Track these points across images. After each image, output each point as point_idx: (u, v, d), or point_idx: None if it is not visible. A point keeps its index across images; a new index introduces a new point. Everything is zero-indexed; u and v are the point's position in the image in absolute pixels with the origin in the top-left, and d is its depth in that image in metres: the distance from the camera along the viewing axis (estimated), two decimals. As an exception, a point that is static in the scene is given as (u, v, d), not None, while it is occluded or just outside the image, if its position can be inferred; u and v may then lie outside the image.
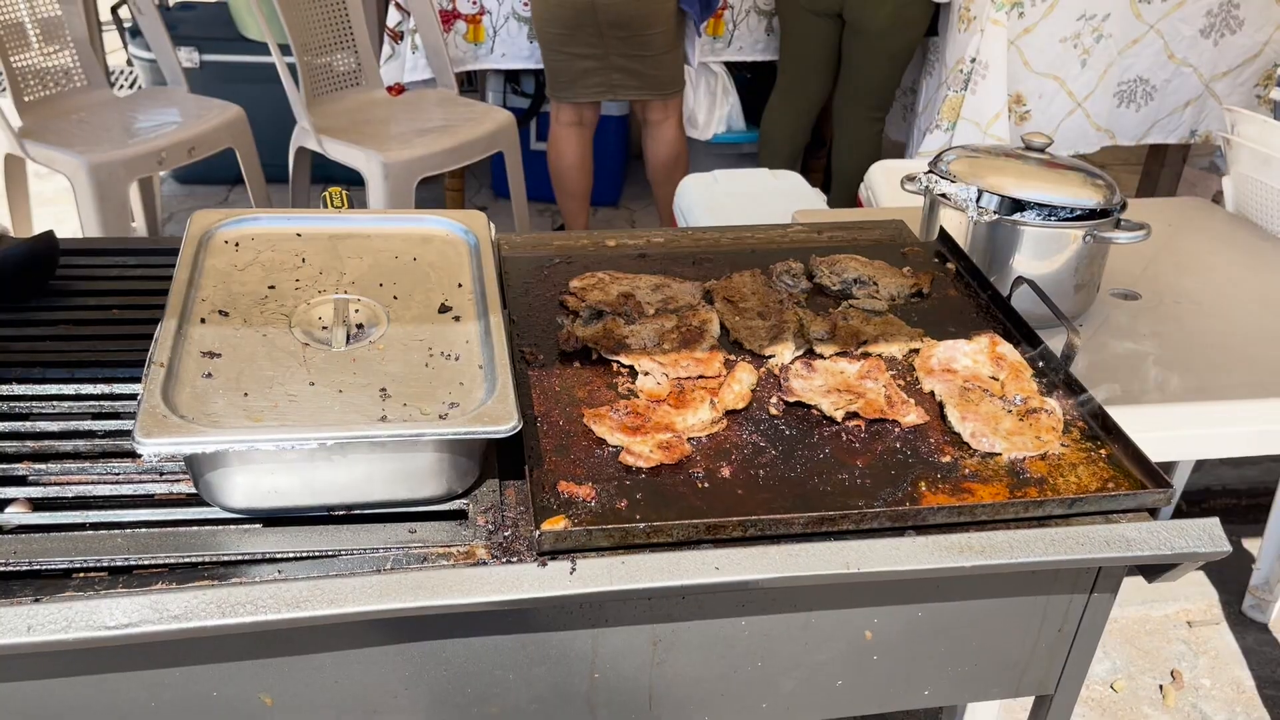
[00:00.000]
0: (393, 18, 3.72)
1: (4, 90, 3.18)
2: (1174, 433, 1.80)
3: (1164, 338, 2.00)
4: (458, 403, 1.18)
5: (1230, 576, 2.81)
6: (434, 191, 4.31)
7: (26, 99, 3.19)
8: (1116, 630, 2.65)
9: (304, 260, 1.40)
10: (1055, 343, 1.50)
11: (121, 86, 5.19)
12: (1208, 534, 1.21)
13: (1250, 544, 2.89)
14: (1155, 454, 1.74)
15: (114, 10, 4.33)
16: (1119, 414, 1.37)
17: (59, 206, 4.10)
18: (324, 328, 1.29)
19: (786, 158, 3.89)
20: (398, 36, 3.75)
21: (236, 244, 1.42)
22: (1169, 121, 3.71)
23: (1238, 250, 2.37)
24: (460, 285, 1.39)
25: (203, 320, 1.27)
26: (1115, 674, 2.53)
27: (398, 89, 3.79)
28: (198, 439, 1.07)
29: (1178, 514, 2.98)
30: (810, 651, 1.30)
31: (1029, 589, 1.31)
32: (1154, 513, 1.28)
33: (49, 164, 3.06)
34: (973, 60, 3.39)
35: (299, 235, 1.45)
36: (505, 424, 1.14)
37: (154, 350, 1.19)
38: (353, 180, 3.33)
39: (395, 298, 1.35)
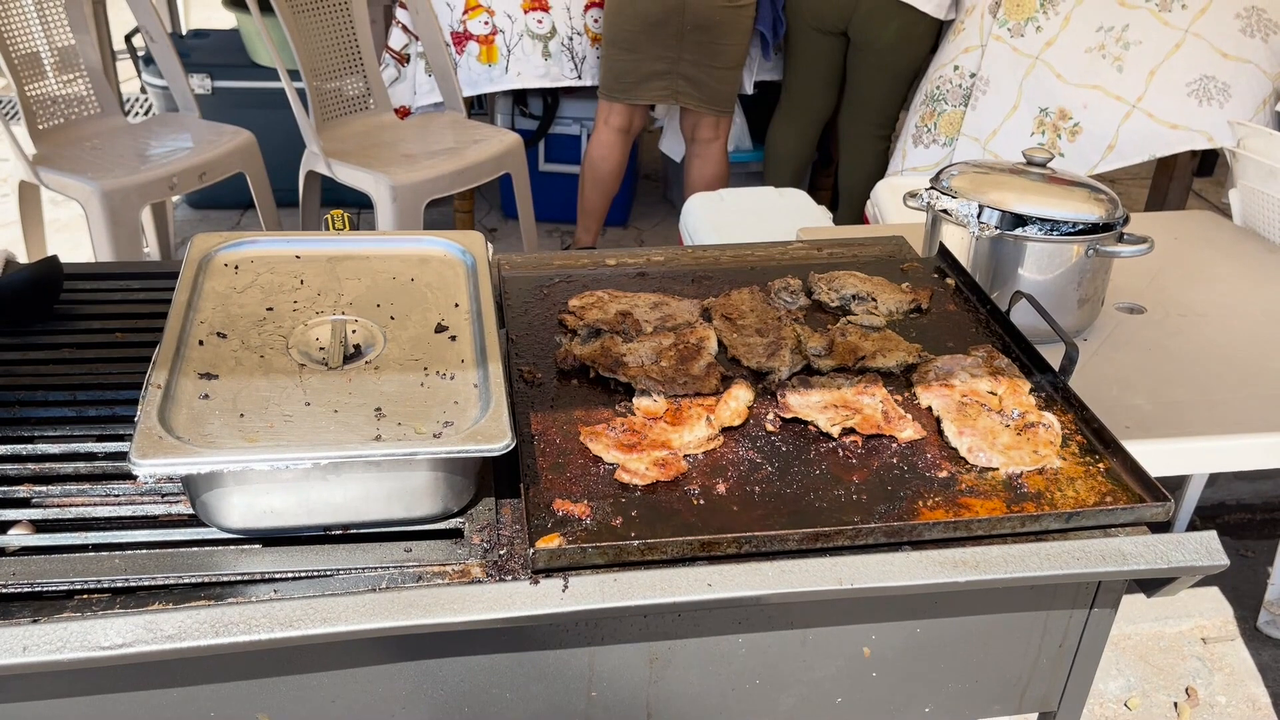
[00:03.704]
0: (397, 40, 3.75)
1: (19, 118, 3.22)
2: (1184, 446, 1.79)
3: (1170, 351, 1.99)
4: (452, 421, 1.19)
5: (1246, 592, 2.78)
6: (443, 213, 4.34)
7: (41, 127, 3.23)
8: (1130, 647, 2.63)
9: (302, 282, 1.42)
10: (1055, 357, 1.50)
11: (136, 113, 5.25)
12: (1205, 547, 1.20)
13: (1266, 559, 2.86)
14: (1166, 468, 1.73)
15: (128, 39, 4.40)
16: (1128, 431, 1.36)
17: (73, 233, 4.15)
18: (321, 348, 1.30)
19: (792, 175, 3.91)
20: (404, 60, 3.78)
21: (236, 267, 1.43)
22: (1257, 123, 3.35)
23: (1244, 263, 2.36)
24: (457, 305, 1.40)
25: (201, 342, 1.28)
26: (1129, 691, 2.51)
27: (404, 111, 3.82)
28: (192, 460, 1.08)
29: (1192, 529, 2.95)
30: (808, 668, 1.30)
31: (1028, 604, 1.30)
32: (1163, 527, 1.27)
33: (62, 190, 3.09)
34: (973, 75, 3.38)
35: (298, 257, 1.46)
36: (499, 442, 1.15)
37: (151, 372, 1.20)
38: (363, 203, 3.36)
39: (392, 318, 1.36)
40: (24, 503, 1.24)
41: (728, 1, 3.49)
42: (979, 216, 1.88)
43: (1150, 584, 1.27)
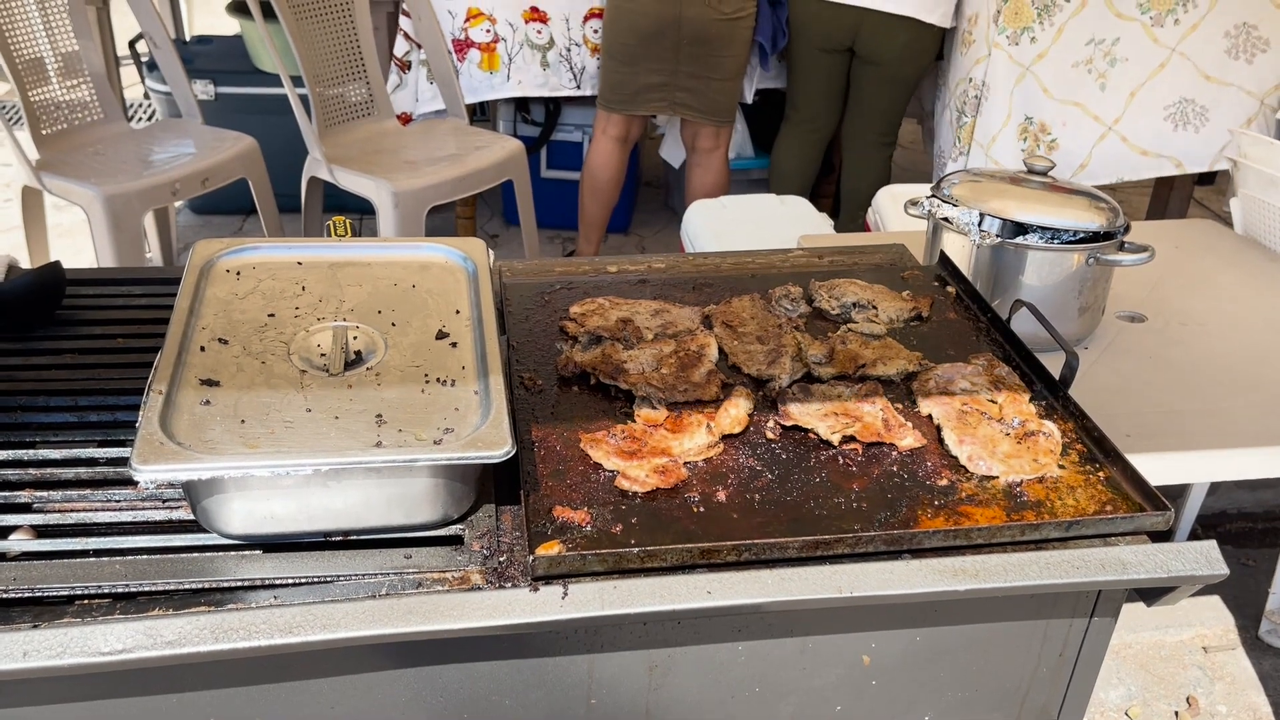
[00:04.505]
0: (400, 47, 3.76)
1: (22, 123, 3.23)
2: (1184, 455, 1.79)
3: (1170, 360, 1.99)
4: (453, 428, 1.19)
5: (1247, 601, 2.78)
6: (445, 219, 4.34)
7: (44, 132, 3.24)
8: (1131, 656, 2.63)
9: (304, 288, 1.42)
10: (1056, 365, 1.50)
11: (139, 119, 5.27)
12: (1205, 556, 1.20)
13: (1267, 568, 2.86)
14: (1166, 477, 1.74)
15: (131, 44, 4.40)
16: (1129, 440, 1.36)
17: (76, 238, 4.16)
18: (322, 355, 1.30)
19: (798, 188, 3.91)
20: (406, 66, 3.79)
21: (238, 273, 1.44)
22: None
23: (1245, 272, 2.36)
24: (458, 312, 1.40)
25: (202, 348, 1.28)
26: (1130, 700, 2.50)
27: (406, 118, 3.83)
28: (193, 465, 1.08)
29: (1193, 538, 2.94)
30: (808, 676, 1.30)
31: (1028, 613, 1.30)
32: (1164, 536, 1.27)
33: (65, 196, 3.10)
34: (983, 84, 3.40)
35: (299, 264, 1.47)
36: (499, 449, 1.15)
37: (153, 378, 1.20)
38: (365, 209, 3.36)
39: (393, 325, 1.37)
40: (25, 508, 1.24)
41: (724, 15, 3.49)
42: (980, 224, 1.89)
43: (1150, 593, 1.27)
